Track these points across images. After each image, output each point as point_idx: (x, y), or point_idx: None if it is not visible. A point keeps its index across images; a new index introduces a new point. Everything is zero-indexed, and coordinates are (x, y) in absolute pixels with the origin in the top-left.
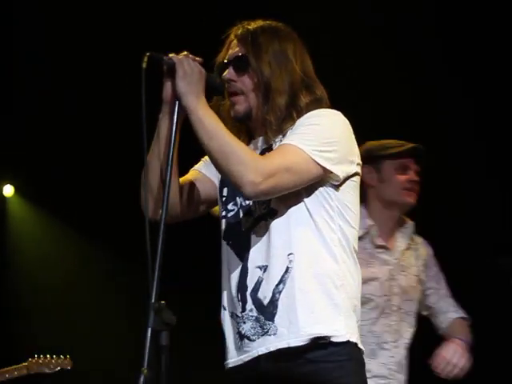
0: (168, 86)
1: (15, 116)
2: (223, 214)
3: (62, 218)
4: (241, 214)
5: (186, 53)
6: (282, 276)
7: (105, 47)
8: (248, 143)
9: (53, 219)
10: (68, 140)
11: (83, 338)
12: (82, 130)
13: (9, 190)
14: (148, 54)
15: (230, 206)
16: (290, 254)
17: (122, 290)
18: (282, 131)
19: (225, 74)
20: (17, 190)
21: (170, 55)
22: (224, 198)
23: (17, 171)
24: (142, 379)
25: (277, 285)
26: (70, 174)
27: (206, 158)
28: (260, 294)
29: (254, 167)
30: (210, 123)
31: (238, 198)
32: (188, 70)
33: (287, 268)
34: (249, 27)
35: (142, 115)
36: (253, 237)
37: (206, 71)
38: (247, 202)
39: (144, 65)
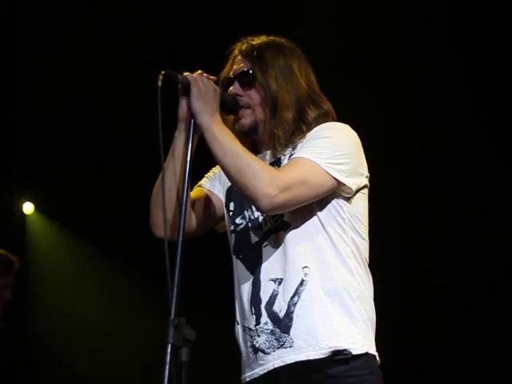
0: (183, 104)
1: (34, 135)
2: (231, 228)
3: (82, 235)
4: (250, 228)
5: (200, 71)
6: (297, 289)
7: (120, 64)
8: None
9: (72, 236)
10: (86, 158)
11: (99, 352)
12: (99, 148)
13: (29, 208)
14: (163, 72)
15: (238, 220)
16: (305, 266)
17: (141, 307)
18: (291, 145)
19: (230, 89)
20: (36, 208)
21: (185, 73)
22: (231, 213)
23: (36, 189)
24: None
25: (291, 297)
26: (88, 191)
27: (209, 174)
28: (276, 307)
29: (269, 180)
30: (224, 140)
31: (245, 211)
32: (203, 89)
33: (302, 281)
34: (253, 43)
35: (158, 132)
36: (264, 250)
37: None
38: (256, 215)
39: (159, 83)
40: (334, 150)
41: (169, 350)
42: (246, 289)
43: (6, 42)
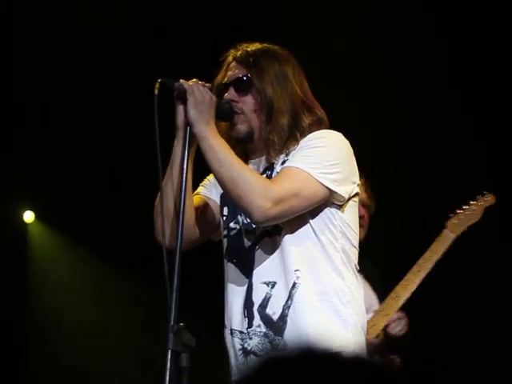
0: (180, 111)
1: (34, 143)
2: (225, 232)
3: (82, 243)
4: (243, 232)
5: (195, 80)
6: (290, 291)
7: (117, 70)
8: (245, 163)
9: (73, 245)
10: (86, 167)
11: (103, 361)
12: (99, 157)
13: (29, 216)
14: (160, 80)
15: (231, 225)
16: (297, 270)
17: (143, 315)
18: (285, 150)
19: (226, 95)
20: (37, 216)
21: (181, 81)
22: (225, 217)
23: (37, 197)
24: None
25: (286, 300)
26: (89, 200)
27: (205, 182)
28: (269, 310)
29: (264, 193)
30: (220, 151)
31: (239, 216)
32: (199, 98)
33: (294, 283)
34: (248, 49)
35: (155, 140)
36: (257, 253)
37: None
38: (249, 220)
39: (156, 91)
40: (326, 160)
41: (169, 355)
42: (238, 292)
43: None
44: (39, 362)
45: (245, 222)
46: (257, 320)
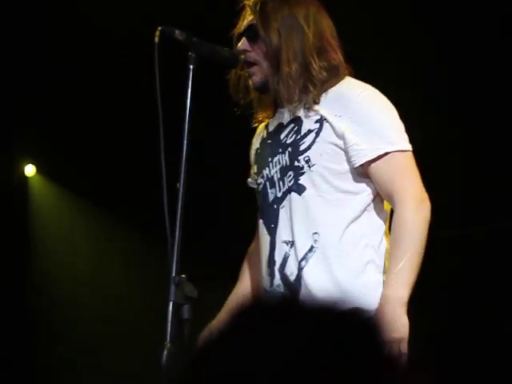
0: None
1: (36, 97)
2: (256, 187)
3: (84, 196)
4: (268, 187)
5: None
6: (306, 254)
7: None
8: (274, 114)
9: (75, 198)
10: (88, 120)
11: (104, 311)
12: (101, 109)
13: (30, 170)
14: (160, 28)
15: (259, 180)
16: (315, 233)
17: (146, 265)
18: (300, 103)
19: (239, 45)
20: (38, 170)
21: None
22: (255, 174)
23: (38, 151)
24: (165, 353)
25: (300, 262)
26: (91, 153)
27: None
28: (287, 270)
29: (415, 203)
30: (409, 281)
31: (263, 170)
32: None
33: (312, 247)
34: None
35: (156, 90)
36: (281, 211)
37: (216, 45)
38: (271, 174)
39: (156, 39)
40: (396, 124)
41: (170, 307)
42: (264, 250)
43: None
44: (41, 309)
45: (268, 175)
46: (277, 279)
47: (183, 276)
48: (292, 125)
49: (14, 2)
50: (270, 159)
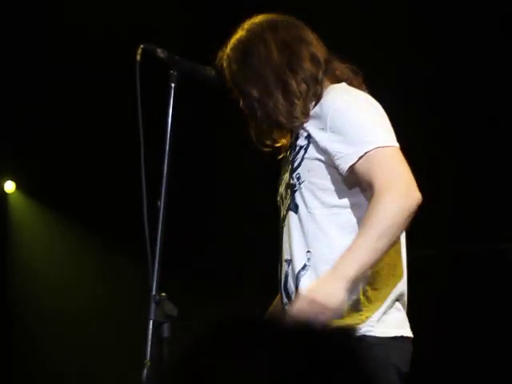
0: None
1: (16, 113)
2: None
3: (63, 213)
4: (280, 206)
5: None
6: (299, 272)
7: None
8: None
9: (54, 215)
10: (67, 136)
11: (82, 329)
12: (80, 125)
13: (10, 186)
14: (142, 46)
15: (278, 198)
16: (308, 251)
17: (124, 283)
18: (294, 118)
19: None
20: (18, 186)
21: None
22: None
23: (18, 167)
24: (145, 371)
25: (295, 279)
26: (70, 169)
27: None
28: (288, 288)
29: (400, 195)
30: (361, 261)
31: (279, 188)
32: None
33: (304, 265)
34: (224, 54)
35: (137, 107)
36: (284, 230)
37: (199, 64)
38: (281, 192)
39: (138, 57)
40: (375, 123)
41: (151, 325)
42: (278, 268)
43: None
44: (18, 322)
45: (282, 194)
46: (284, 298)
47: (163, 294)
48: (292, 142)
49: (14, 1)
50: (281, 177)
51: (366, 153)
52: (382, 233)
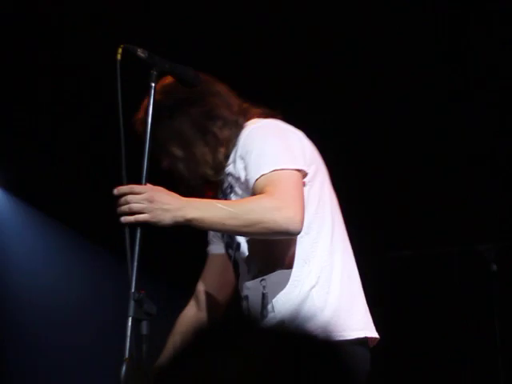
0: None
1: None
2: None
3: (49, 213)
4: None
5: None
6: (262, 302)
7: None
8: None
9: (38, 214)
10: (51, 136)
11: (68, 327)
12: (64, 125)
13: None
14: (122, 45)
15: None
16: (262, 279)
17: (109, 282)
18: (219, 163)
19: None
20: (1, 185)
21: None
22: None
23: (1, 167)
24: (123, 368)
25: (261, 312)
26: (53, 168)
27: (209, 236)
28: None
29: (279, 206)
30: (210, 215)
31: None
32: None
33: (263, 294)
34: (138, 119)
35: (117, 107)
36: (239, 267)
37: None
38: (224, 236)
39: (118, 56)
40: (277, 147)
41: (130, 323)
42: None
43: None
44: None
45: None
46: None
47: (142, 292)
48: (221, 189)
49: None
50: None
51: (262, 175)
52: (240, 218)
